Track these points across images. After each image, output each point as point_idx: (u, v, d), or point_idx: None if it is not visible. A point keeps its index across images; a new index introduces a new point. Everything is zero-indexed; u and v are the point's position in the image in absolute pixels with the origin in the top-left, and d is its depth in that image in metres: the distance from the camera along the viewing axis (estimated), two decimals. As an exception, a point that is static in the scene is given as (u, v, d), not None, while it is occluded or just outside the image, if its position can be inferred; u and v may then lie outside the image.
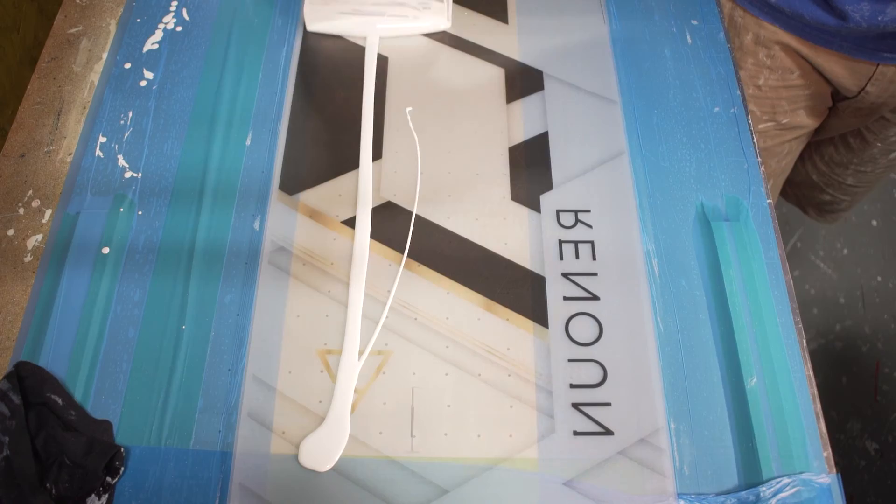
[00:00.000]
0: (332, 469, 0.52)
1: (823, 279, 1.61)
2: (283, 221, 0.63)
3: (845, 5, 0.71)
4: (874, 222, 1.64)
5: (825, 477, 0.53)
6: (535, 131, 0.69)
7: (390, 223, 0.63)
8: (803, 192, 1.10)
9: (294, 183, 0.65)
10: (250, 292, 0.60)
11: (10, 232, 0.63)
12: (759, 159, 0.68)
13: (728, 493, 0.53)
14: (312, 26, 0.74)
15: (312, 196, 0.64)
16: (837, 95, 0.87)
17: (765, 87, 0.85)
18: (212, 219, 0.63)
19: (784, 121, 0.89)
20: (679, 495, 0.52)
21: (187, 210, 0.64)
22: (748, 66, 0.83)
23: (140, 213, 0.64)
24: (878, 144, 0.94)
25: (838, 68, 0.80)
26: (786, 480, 0.53)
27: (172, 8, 0.77)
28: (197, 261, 0.61)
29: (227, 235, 0.63)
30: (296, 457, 0.53)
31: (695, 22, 0.77)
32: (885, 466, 1.41)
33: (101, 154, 0.67)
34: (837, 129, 0.93)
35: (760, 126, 0.89)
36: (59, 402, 0.54)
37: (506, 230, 0.63)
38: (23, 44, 0.91)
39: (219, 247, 0.62)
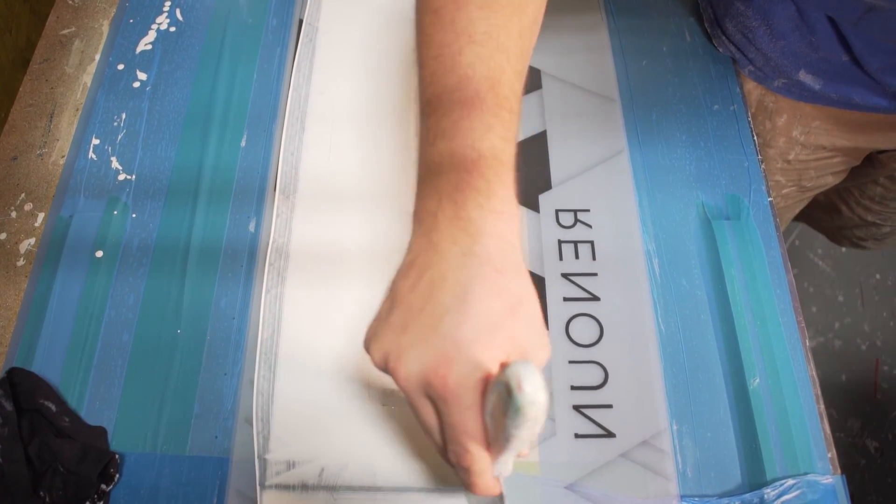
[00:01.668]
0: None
1: (822, 277, 1.60)
2: (280, 223, 0.62)
3: None
4: (872, 220, 1.64)
5: (829, 478, 0.52)
6: (534, 130, 0.68)
7: (391, 223, 0.63)
8: (857, 234, 1.09)
9: (290, 184, 0.64)
10: (246, 295, 0.59)
11: (3, 236, 0.62)
12: (759, 157, 0.67)
13: (732, 495, 0.52)
14: None
15: (309, 199, 0.64)
16: (876, 149, 0.84)
17: (794, 160, 0.82)
18: (207, 221, 0.63)
19: (808, 184, 0.87)
20: (682, 498, 0.52)
21: (182, 212, 0.63)
22: (779, 145, 0.80)
23: (134, 215, 0.63)
24: None
25: (883, 125, 0.76)
26: (790, 482, 0.52)
27: (166, 8, 0.76)
28: (192, 263, 0.60)
29: (222, 238, 0.62)
30: (293, 463, 0.52)
31: (693, 19, 0.77)
32: (886, 464, 1.40)
33: (94, 156, 0.66)
34: (880, 172, 0.92)
35: (784, 191, 0.87)
36: (53, 408, 0.53)
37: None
38: (15, 45, 0.90)
39: (214, 249, 0.61)
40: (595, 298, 0.59)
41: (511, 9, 0.45)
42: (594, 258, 0.61)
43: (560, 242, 0.62)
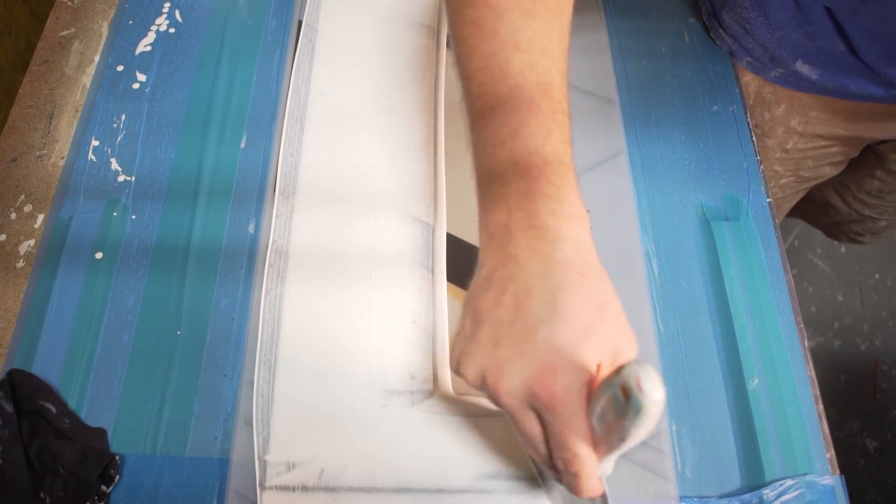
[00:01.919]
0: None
1: (821, 277, 1.60)
2: (279, 224, 0.62)
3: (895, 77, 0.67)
4: (871, 220, 1.64)
5: (828, 478, 0.53)
6: (533, 131, 0.68)
7: (391, 224, 0.63)
8: (855, 230, 1.09)
9: (290, 185, 0.64)
10: (246, 296, 0.59)
11: (2, 237, 0.62)
12: (759, 158, 0.67)
13: (731, 495, 0.52)
14: None
15: (309, 200, 0.64)
16: (874, 141, 0.85)
17: (793, 150, 0.83)
18: (206, 222, 0.63)
19: (806, 174, 0.88)
20: (681, 498, 0.52)
21: (182, 213, 0.63)
22: (778, 135, 0.80)
23: (134, 217, 0.63)
24: None
25: (880, 115, 0.77)
26: (789, 482, 0.52)
27: (165, 9, 0.76)
28: (192, 265, 0.61)
29: (222, 239, 0.62)
30: (293, 465, 0.52)
31: (692, 20, 0.77)
32: (885, 464, 1.41)
33: (93, 158, 0.66)
34: (877, 165, 0.92)
35: (782, 181, 0.87)
36: (53, 409, 0.53)
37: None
38: (14, 47, 0.90)
39: (214, 250, 0.61)
40: (594, 299, 0.59)
41: (551, 13, 0.46)
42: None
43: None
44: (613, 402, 0.35)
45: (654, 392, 0.33)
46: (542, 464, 0.43)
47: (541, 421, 0.39)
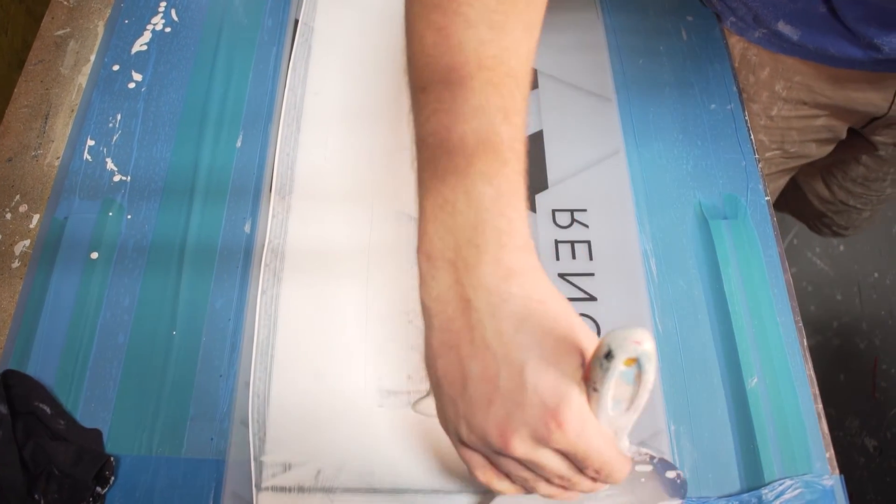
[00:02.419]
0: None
1: (820, 276, 1.60)
2: (275, 224, 0.62)
3: (874, 38, 0.68)
4: (870, 218, 1.64)
5: (828, 478, 0.52)
6: (530, 130, 0.68)
7: (387, 224, 0.62)
8: (838, 222, 1.09)
9: (286, 185, 0.64)
10: (242, 296, 0.59)
11: (-3, 238, 0.62)
12: (757, 156, 0.67)
13: (730, 496, 0.52)
14: None
15: (305, 200, 0.64)
16: (864, 120, 0.85)
17: (777, 117, 0.83)
18: (202, 222, 0.62)
19: (792, 150, 0.88)
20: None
21: (177, 213, 0.63)
22: (762, 100, 0.81)
23: (129, 217, 0.63)
24: None
25: (864, 85, 0.77)
26: (788, 482, 0.52)
27: (161, 9, 0.76)
28: (187, 265, 0.60)
29: (217, 238, 0.62)
30: (289, 465, 0.52)
31: (690, 18, 0.76)
32: (884, 463, 1.40)
33: (89, 157, 0.66)
34: (863, 151, 0.93)
35: (767, 154, 0.88)
36: (48, 410, 0.53)
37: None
38: (10, 46, 0.90)
39: (210, 250, 0.61)
40: (592, 299, 0.59)
41: (521, 29, 0.43)
42: (591, 258, 0.61)
43: (557, 242, 0.62)
44: (620, 378, 0.35)
45: (644, 343, 0.33)
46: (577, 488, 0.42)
47: (560, 453, 0.38)
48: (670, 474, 0.51)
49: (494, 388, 0.37)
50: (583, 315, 0.58)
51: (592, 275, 0.60)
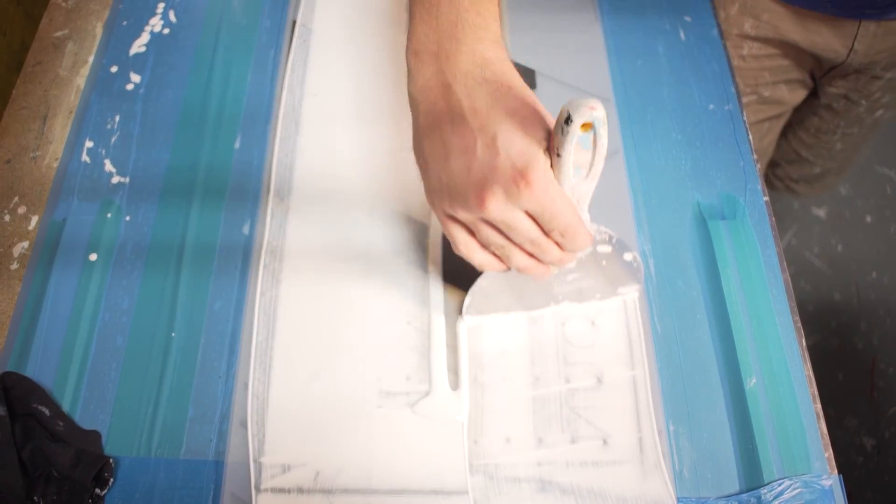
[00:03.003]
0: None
1: (818, 276, 1.60)
2: (274, 225, 0.62)
3: None
4: (868, 218, 1.64)
5: (827, 478, 0.52)
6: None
7: (386, 225, 0.62)
8: (790, 174, 1.13)
9: (284, 186, 0.64)
10: (241, 298, 0.59)
11: (-4, 239, 0.62)
12: (755, 156, 0.67)
13: (729, 496, 0.52)
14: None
15: (303, 201, 0.64)
16: (823, 68, 0.90)
17: (748, 56, 0.87)
18: (201, 223, 0.62)
19: (766, 94, 0.91)
20: (679, 499, 0.51)
21: (176, 215, 0.63)
22: (733, 37, 0.85)
23: (128, 218, 0.63)
24: (864, 102, 0.95)
25: (825, 29, 0.81)
26: (787, 482, 0.52)
27: (159, 10, 0.76)
28: (186, 266, 0.60)
29: (216, 240, 0.62)
30: (288, 467, 0.52)
31: (688, 18, 0.77)
32: (882, 463, 1.40)
33: (87, 159, 0.66)
34: (819, 104, 0.97)
35: (744, 100, 0.90)
36: (47, 412, 0.53)
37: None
38: (9, 48, 0.90)
39: (208, 252, 0.61)
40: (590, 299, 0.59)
41: None
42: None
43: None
44: (579, 144, 0.42)
45: (598, 109, 0.40)
46: (522, 263, 0.48)
47: (532, 218, 0.45)
48: (627, 256, 0.56)
49: (472, 157, 0.43)
50: (581, 316, 0.58)
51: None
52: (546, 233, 0.45)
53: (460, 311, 0.57)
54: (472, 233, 0.48)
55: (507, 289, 0.56)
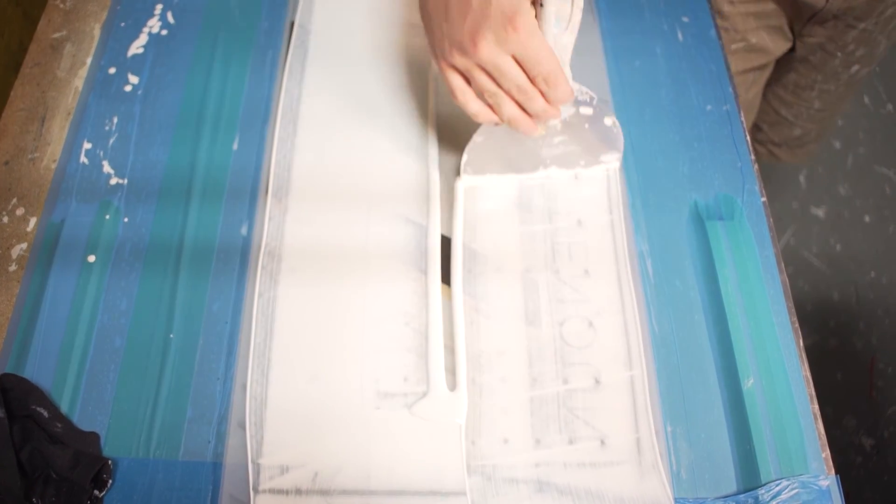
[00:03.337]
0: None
1: (817, 276, 1.60)
2: (272, 226, 0.62)
3: None
4: (867, 218, 1.64)
5: (824, 479, 0.52)
6: (526, 132, 0.68)
7: (384, 225, 0.62)
8: (772, 137, 1.15)
9: (283, 187, 0.64)
10: (239, 299, 0.59)
11: (-6, 241, 0.62)
12: (753, 157, 0.67)
13: (726, 497, 0.52)
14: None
15: (302, 202, 0.64)
16: (804, 17, 0.91)
17: (737, 2, 0.90)
18: (199, 224, 0.63)
19: (753, 41, 0.94)
20: (677, 500, 0.52)
21: (174, 216, 0.63)
22: None
23: (126, 220, 0.63)
24: (839, 55, 0.97)
25: None
26: (784, 483, 0.52)
27: (157, 11, 0.76)
28: (184, 268, 0.60)
29: (214, 241, 0.62)
30: (287, 468, 0.52)
31: (685, 19, 0.77)
32: (881, 462, 1.41)
33: (85, 160, 0.66)
34: (799, 56, 0.99)
35: (733, 46, 0.93)
36: (45, 414, 0.53)
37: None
38: (7, 49, 0.90)
39: (207, 253, 0.61)
40: (588, 300, 0.59)
41: None
42: (587, 259, 0.61)
43: (553, 243, 0.62)
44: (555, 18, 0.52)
45: None
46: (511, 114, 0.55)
47: (519, 64, 0.51)
48: (608, 121, 0.62)
49: (468, 8, 0.50)
50: (579, 316, 0.58)
51: (588, 276, 0.60)
52: (532, 80, 0.52)
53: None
54: (468, 81, 0.55)
55: (500, 151, 0.63)
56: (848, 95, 1.07)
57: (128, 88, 0.70)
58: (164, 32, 0.74)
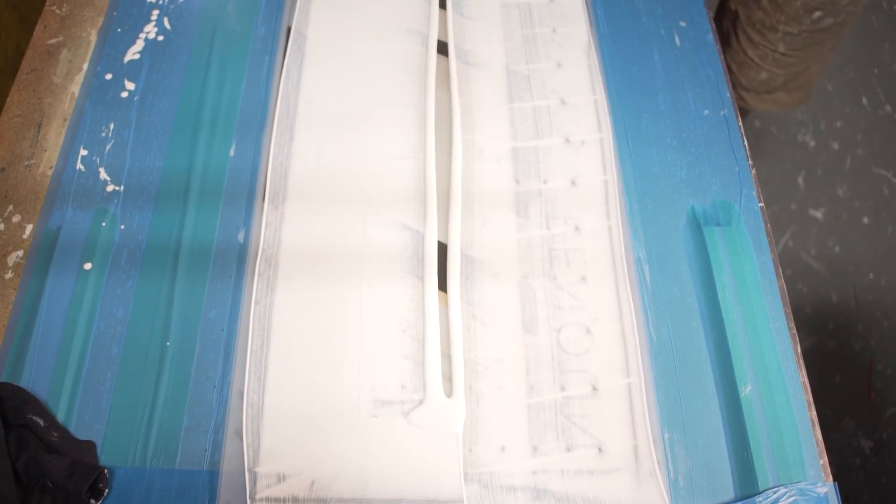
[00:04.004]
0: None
1: (816, 278, 1.60)
2: (269, 233, 0.62)
3: None
4: (865, 220, 1.64)
5: (822, 486, 0.52)
6: (524, 138, 0.68)
7: (381, 232, 0.62)
8: (740, 80, 1.19)
9: (279, 193, 0.64)
10: (236, 306, 0.59)
11: (-10, 248, 0.62)
12: (750, 162, 0.67)
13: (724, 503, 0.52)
14: None
15: (298, 208, 0.63)
16: None
17: None
18: (196, 231, 0.62)
19: None
20: (674, 507, 0.51)
21: (170, 223, 0.63)
22: None
23: (122, 227, 0.62)
24: None
25: None
26: (782, 490, 0.52)
27: (153, 17, 0.76)
28: (181, 275, 0.60)
29: (211, 248, 0.62)
30: (283, 476, 0.52)
31: (683, 24, 0.76)
32: (880, 464, 1.40)
33: (82, 167, 0.66)
34: None
35: None
36: (41, 423, 0.53)
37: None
38: (4, 54, 0.90)
39: (203, 260, 0.61)
40: (585, 306, 0.59)
41: None
42: (584, 266, 0.61)
43: (551, 249, 0.62)
44: None
45: None
46: None
47: None
48: None
49: None
50: (576, 323, 0.58)
51: (586, 282, 0.60)
52: None
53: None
54: None
55: None
56: (813, 45, 1.09)
57: (124, 94, 0.70)
58: (161, 38, 0.74)
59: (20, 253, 0.61)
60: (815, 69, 1.15)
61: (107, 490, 0.51)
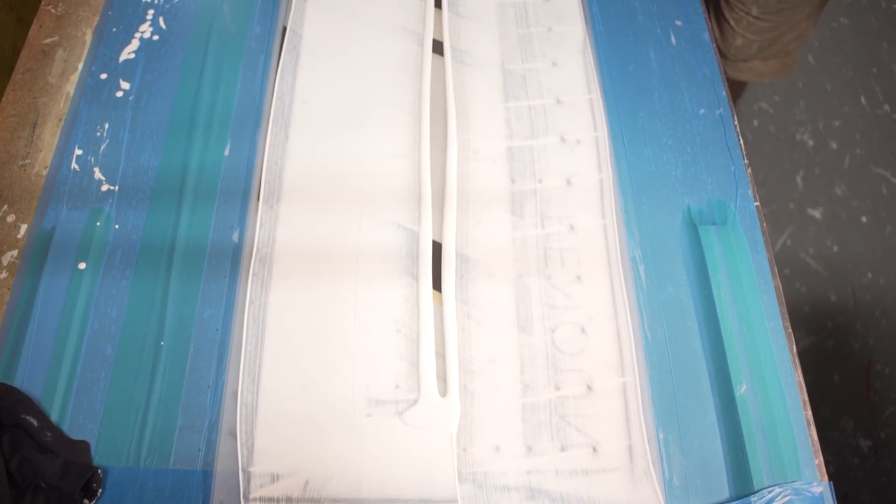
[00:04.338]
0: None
1: (814, 277, 1.60)
2: (263, 233, 0.62)
3: None
4: (864, 219, 1.64)
5: (817, 485, 0.52)
6: (520, 137, 0.68)
7: (376, 232, 0.62)
8: (719, 45, 1.19)
9: (274, 193, 0.64)
10: (230, 306, 0.59)
11: (-15, 248, 0.62)
12: (746, 161, 0.67)
13: (719, 503, 0.52)
14: None
15: (293, 208, 0.63)
16: None
17: None
18: (190, 231, 0.62)
19: None
20: (669, 507, 0.51)
21: (165, 223, 0.63)
22: None
23: (117, 226, 0.62)
24: None
25: None
26: (777, 490, 0.52)
27: (149, 16, 0.75)
28: (175, 274, 0.60)
29: (205, 248, 0.61)
30: (277, 476, 0.52)
31: (679, 23, 0.76)
32: (879, 464, 1.40)
33: (76, 167, 0.66)
34: None
35: None
36: (35, 423, 0.52)
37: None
38: (0, 54, 0.90)
39: (198, 260, 0.61)
40: (580, 306, 0.59)
41: None
42: (579, 265, 0.61)
43: (546, 248, 0.62)
44: None
45: None
46: None
47: None
48: None
49: None
50: (571, 322, 0.58)
51: (581, 281, 0.60)
52: None
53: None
54: None
55: None
56: (786, 10, 1.09)
57: (119, 94, 0.70)
58: (156, 38, 0.74)
59: (14, 252, 0.61)
60: (789, 37, 1.15)
61: (100, 490, 0.51)
